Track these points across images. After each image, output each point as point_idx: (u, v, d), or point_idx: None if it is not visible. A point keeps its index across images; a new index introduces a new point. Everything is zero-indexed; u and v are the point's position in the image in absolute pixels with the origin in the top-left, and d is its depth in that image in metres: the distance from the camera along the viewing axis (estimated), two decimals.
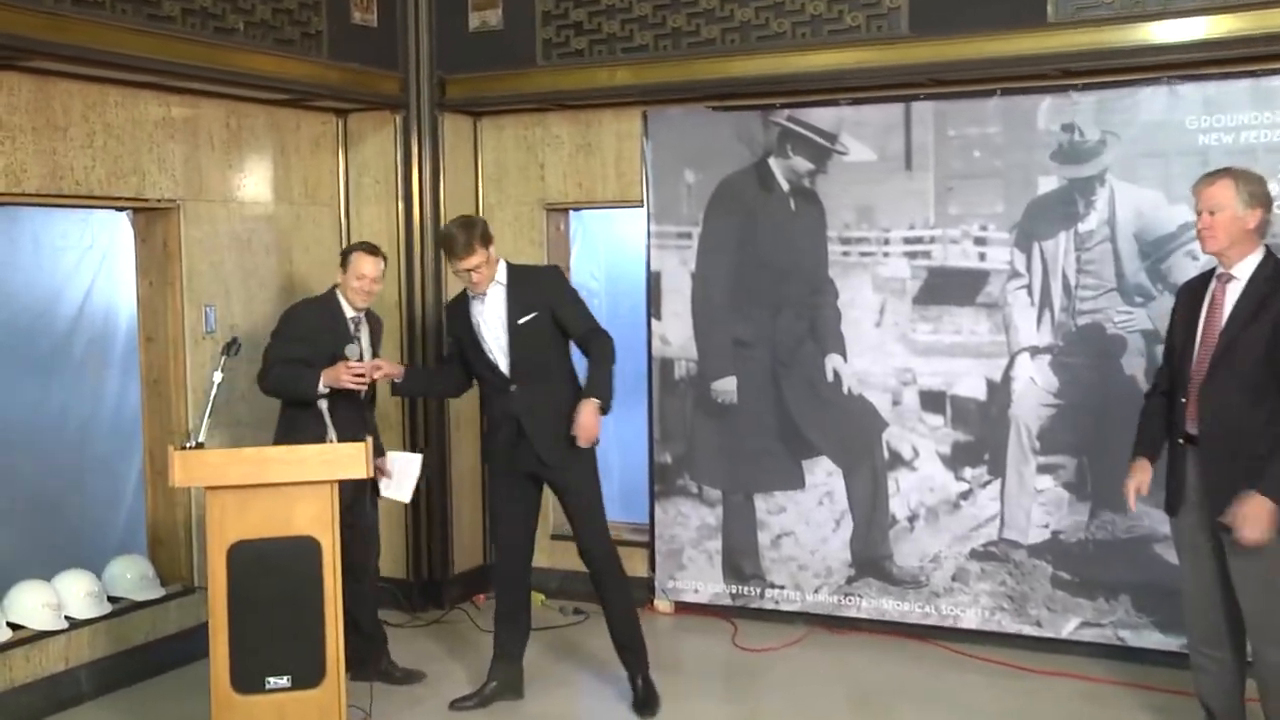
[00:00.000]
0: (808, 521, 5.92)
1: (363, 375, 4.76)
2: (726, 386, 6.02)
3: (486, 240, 4.72)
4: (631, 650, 4.93)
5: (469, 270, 4.70)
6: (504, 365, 4.75)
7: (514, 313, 4.73)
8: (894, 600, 5.78)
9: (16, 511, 5.61)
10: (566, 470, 4.76)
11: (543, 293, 4.75)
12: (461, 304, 4.86)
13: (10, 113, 4.96)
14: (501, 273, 4.78)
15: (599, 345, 4.69)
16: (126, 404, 5.90)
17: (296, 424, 4.88)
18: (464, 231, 4.69)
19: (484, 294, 4.76)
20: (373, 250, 5.01)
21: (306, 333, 4.90)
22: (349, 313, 4.96)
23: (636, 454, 6.38)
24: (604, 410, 4.62)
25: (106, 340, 5.90)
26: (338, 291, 4.99)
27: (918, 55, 5.36)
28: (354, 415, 4.90)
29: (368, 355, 5.01)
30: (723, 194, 5.96)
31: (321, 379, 4.79)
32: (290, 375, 4.84)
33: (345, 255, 5.02)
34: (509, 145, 6.50)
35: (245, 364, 5.70)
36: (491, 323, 4.78)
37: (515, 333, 4.72)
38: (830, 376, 5.80)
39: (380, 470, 5.08)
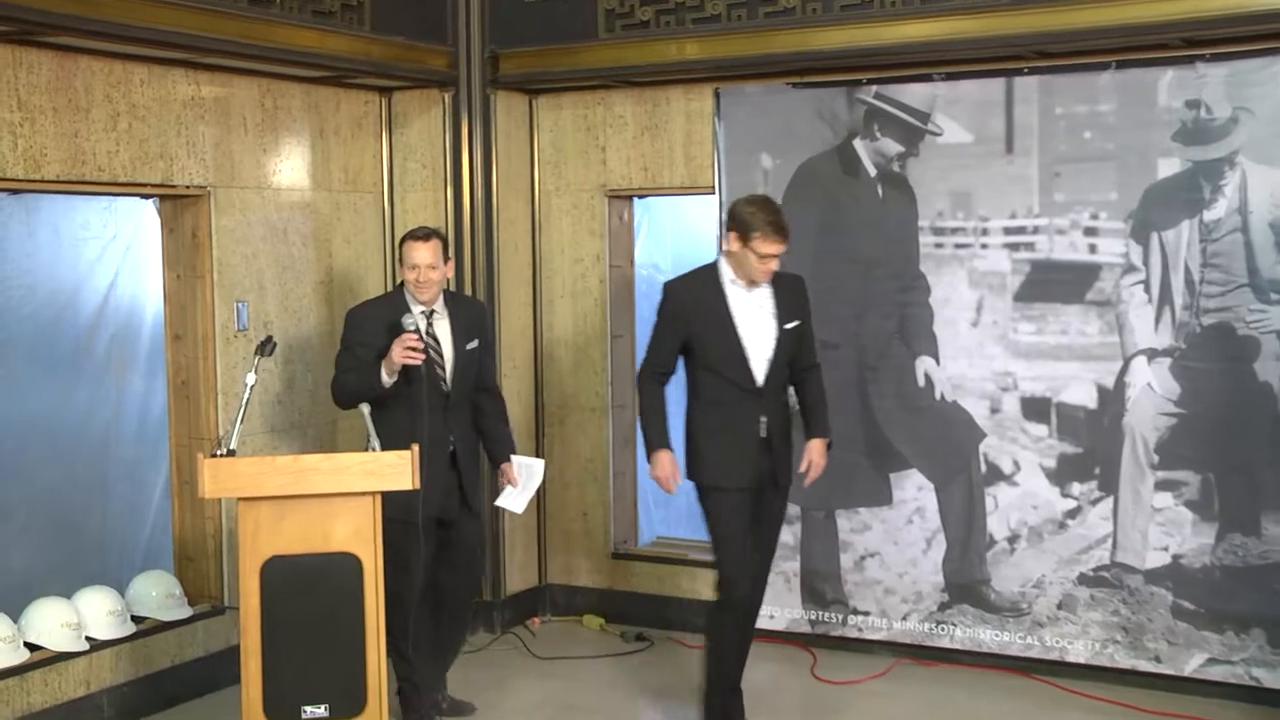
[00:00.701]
0: (896, 541, 5.88)
1: (416, 348, 4.76)
2: None
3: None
4: None
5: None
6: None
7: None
8: (992, 630, 5.68)
9: (34, 523, 5.66)
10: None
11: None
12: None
13: (30, 93, 5.00)
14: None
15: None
16: (152, 407, 5.93)
17: (383, 431, 4.79)
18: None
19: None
20: (422, 235, 4.99)
21: (369, 336, 4.92)
22: (416, 308, 4.96)
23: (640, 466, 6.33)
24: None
25: (131, 338, 5.93)
26: (405, 287, 5.00)
27: (1021, 24, 5.28)
28: (436, 417, 4.87)
29: (446, 344, 4.98)
30: (802, 179, 5.94)
31: (383, 367, 4.81)
32: (353, 378, 4.89)
33: (401, 244, 5.02)
34: (568, 126, 6.51)
35: (280, 365, 5.92)
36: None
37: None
38: (921, 381, 5.77)
39: (505, 477, 5.12)
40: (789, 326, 4.77)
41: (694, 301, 4.76)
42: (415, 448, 4.32)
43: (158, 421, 5.88)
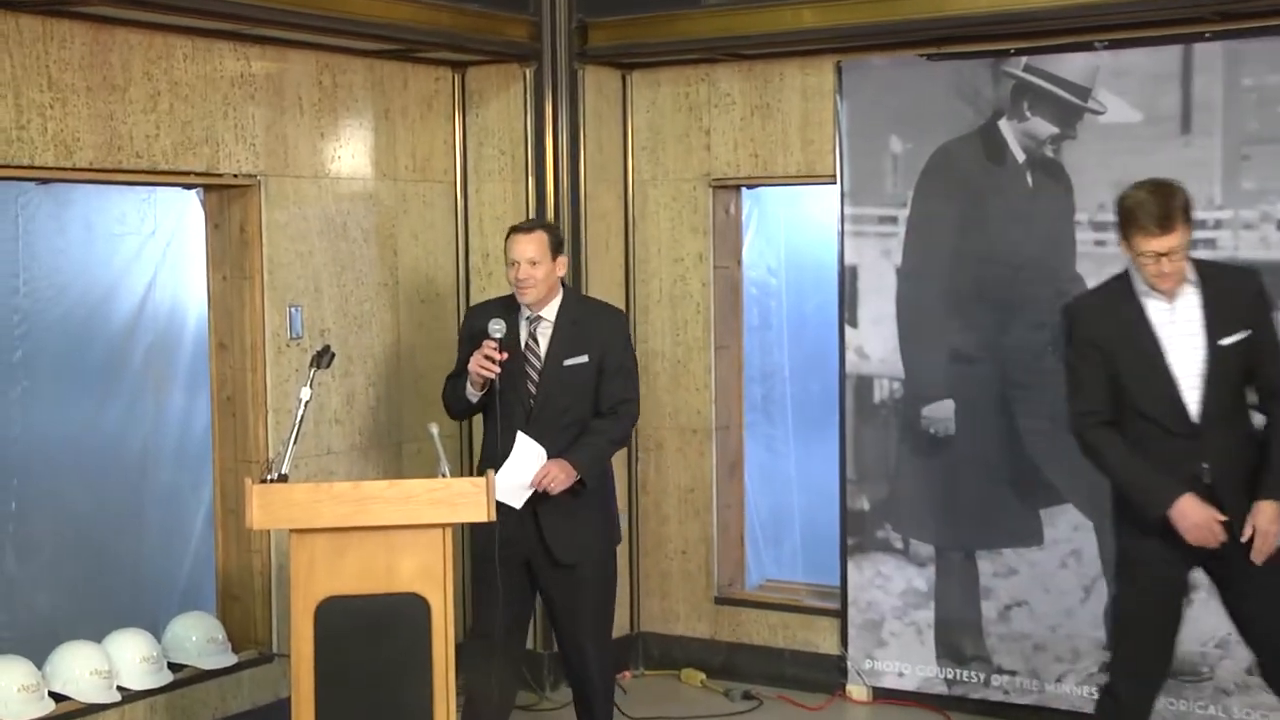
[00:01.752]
0: (1047, 588, 5.78)
1: (492, 358, 4.81)
2: (941, 413, 5.95)
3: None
4: None
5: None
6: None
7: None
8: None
9: (61, 556, 5.70)
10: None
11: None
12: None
13: (61, 70, 5.04)
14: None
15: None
16: (193, 426, 5.97)
17: (485, 447, 4.91)
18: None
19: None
20: (525, 227, 5.02)
21: (465, 342, 5.07)
22: (525, 312, 5.00)
23: (824, 498, 6.36)
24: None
25: (170, 347, 5.97)
26: None
27: None
28: (511, 441, 4.90)
29: (542, 355, 4.98)
30: (938, 166, 5.90)
31: (468, 378, 4.92)
32: (449, 386, 5.04)
33: (505, 241, 5.08)
34: (666, 106, 6.50)
35: (338, 378, 5.93)
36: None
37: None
38: None
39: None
40: (1228, 342, 4.29)
41: (1107, 322, 4.39)
42: (489, 474, 4.32)
43: (200, 442, 5.91)
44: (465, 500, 4.28)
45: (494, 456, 4.88)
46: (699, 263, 6.47)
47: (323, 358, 4.79)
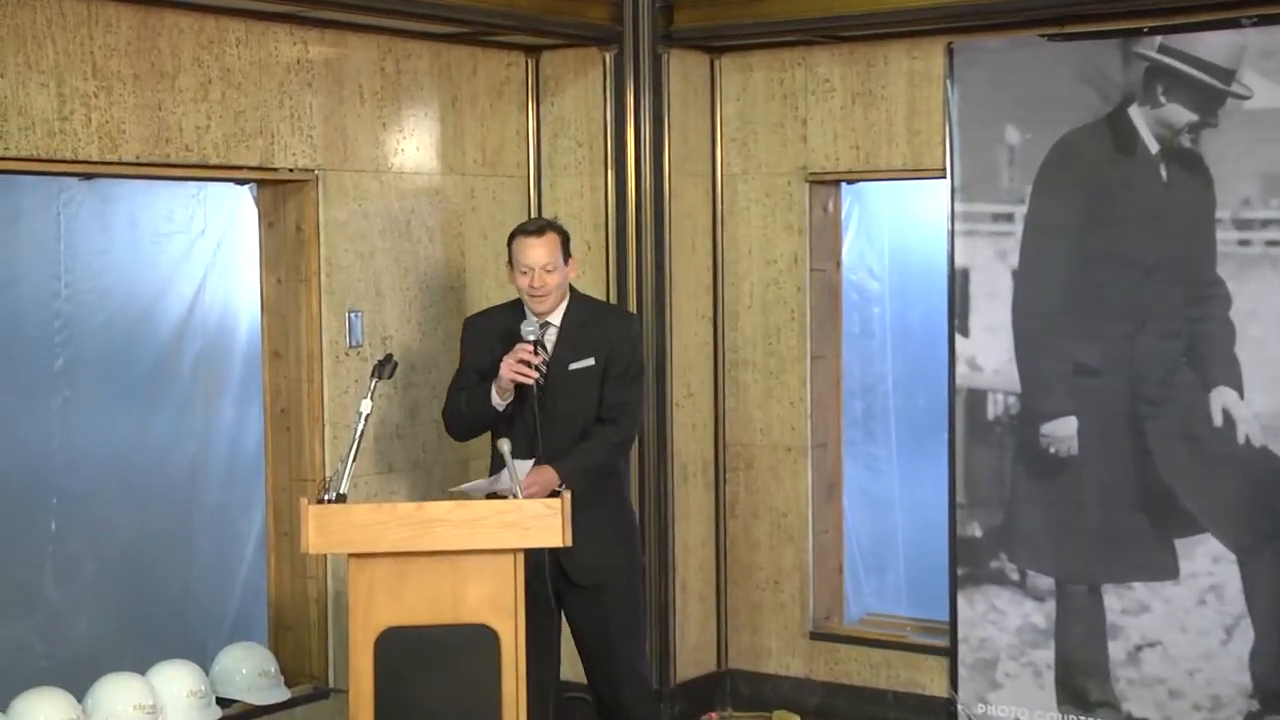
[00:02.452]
0: (1184, 627, 5.72)
1: (530, 362, 4.89)
2: (1063, 431, 5.89)
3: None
4: None
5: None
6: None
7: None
8: None
9: (104, 581, 5.73)
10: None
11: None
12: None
13: (106, 56, 5.08)
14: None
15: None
16: (245, 441, 6.01)
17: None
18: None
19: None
20: (535, 229, 5.05)
21: (480, 349, 5.07)
22: (532, 318, 5.05)
23: (931, 523, 6.34)
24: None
25: (221, 356, 6.01)
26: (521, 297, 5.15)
27: None
28: (523, 452, 4.92)
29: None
30: (1061, 159, 5.85)
31: (494, 386, 4.95)
32: (465, 399, 5.06)
33: (509, 243, 5.10)
34: (759, 93, 6.49)
35: (400, 389, 5.92)
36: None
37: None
38: (1219, 419, 5.64)
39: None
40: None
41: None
42: (565, 493, 4.34)
43: (252, 458, 5.94)
44: (538, 523, 4.27)
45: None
46: (794, 265, 6.45)
47: (384, 367, 4.80)
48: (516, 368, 4.88)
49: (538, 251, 4.98)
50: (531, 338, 4.92)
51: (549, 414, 4.95)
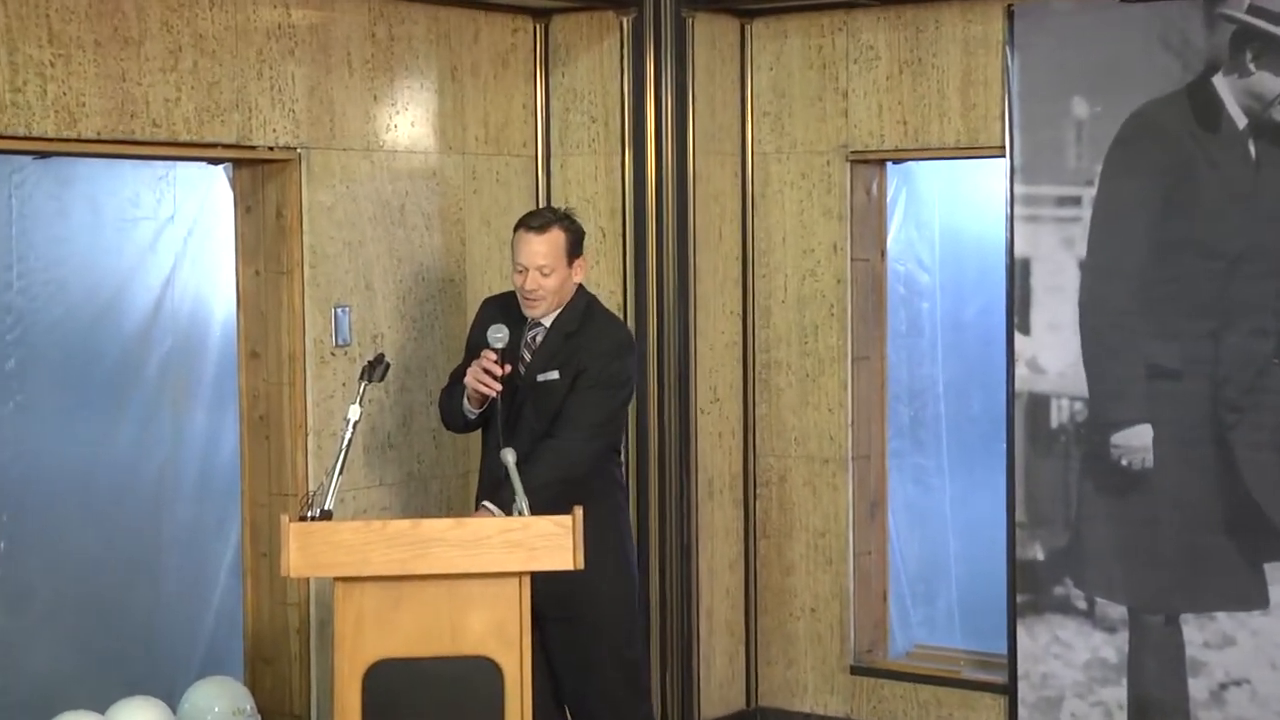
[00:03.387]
0: (1274, 663, 5.70)
1: (492, 373, 4.94)
2: (1137, 441, 5.87)
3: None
4: None
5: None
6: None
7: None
8: None
9: (62, 607, 5.73)
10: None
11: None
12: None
13: (64, 20, 5.07)
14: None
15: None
16: (219, 451, 6.02)
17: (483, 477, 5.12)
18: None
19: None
20: (537, 224, 5.09)
21: (478, 338, 5.14)
22: (526, 317, 5.14)
23: (988, 544, 6.36)
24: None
25: (192, 356, 6.02)
26: None
27: None
28: (492, 465, 5.00)
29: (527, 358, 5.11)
30: (1134, 135, 5.83)
31: (465, 391, 5.08)
32: (445, 396, 5.23)
33: (513, 234, 5.19)
34: (794, 62, 6.49)
35: (394, 394, 5.95)
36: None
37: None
38: None
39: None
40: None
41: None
42: (577, 510, 4.33)
43: (226, 471, 5.95)
44: (547, 543, 4.28)
45: (488, 484, 5.06)
46: (833, 254, 6.43)
47: (375, 369, 4.83)
48: (481, 377, 4.96)
49: (535, 249, 5.03)
50: (498, 345, 4.96)
51: (513, 426, 5.03)
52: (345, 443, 4.61)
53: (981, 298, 6.47)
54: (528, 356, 5.11)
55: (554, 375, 5.08)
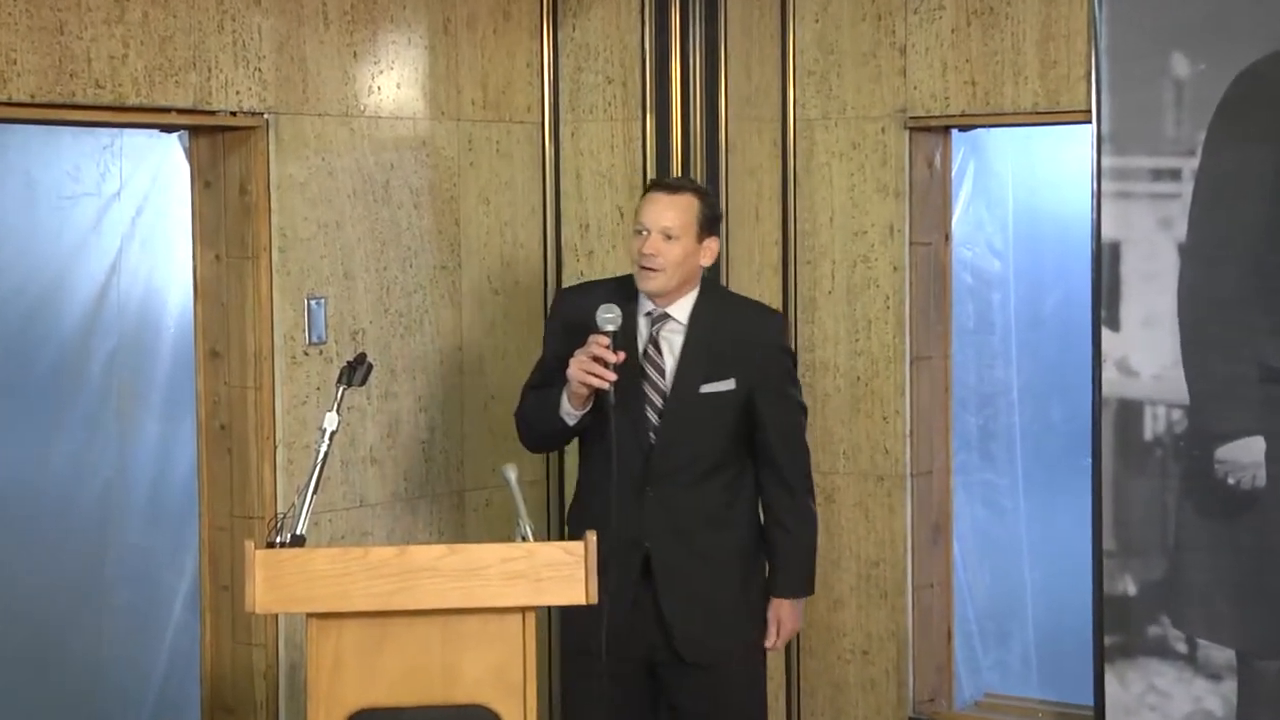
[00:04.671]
0: None
1: (604, 361, 4.90)
2: (1246, 456, 5.76)
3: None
4: None
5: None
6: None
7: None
8: None
9: None
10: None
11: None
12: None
13: None
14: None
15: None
16: (174, 466, 6.05)
17: (578, 498, 5.24)
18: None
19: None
20: (670, 185, 5.13)
21: (564, 335, 5.14)
22: (647, 305, 5.13)
23: (1070, 576, 6.36)
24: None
25: (142, 355, 6.04)
26: None
27: None
28: (627, 490, 5.01)
29: (669, 369, 5.14)
30: (1245, 97, 5.69)
31: (564, 392, 5.03)
32: (533, 403, 5.22)
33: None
34: (844, 14, 6.51)
35: (377, 400, 5.98)
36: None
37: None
38: None
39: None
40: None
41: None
42: (589, 536, 4.32)
43: (182, 489, 5.97)
44: (556, 574, 4.30)
45: (596, 510, 4.99)
46: (889, 238, 6.43)
47: (355, 371, 4.83)
48: (589, 366, 4.89)
49: (661, 210, 5.02)
50: (610, 327, 4.91)
51: (665, 450, 5.06)
52: (320, 457, 4.62)
53: (1062, 288, 6.51)
54: (668, 357, 5.10)
55: (729, 384, 5.09)
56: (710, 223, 5.09)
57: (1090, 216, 5.95)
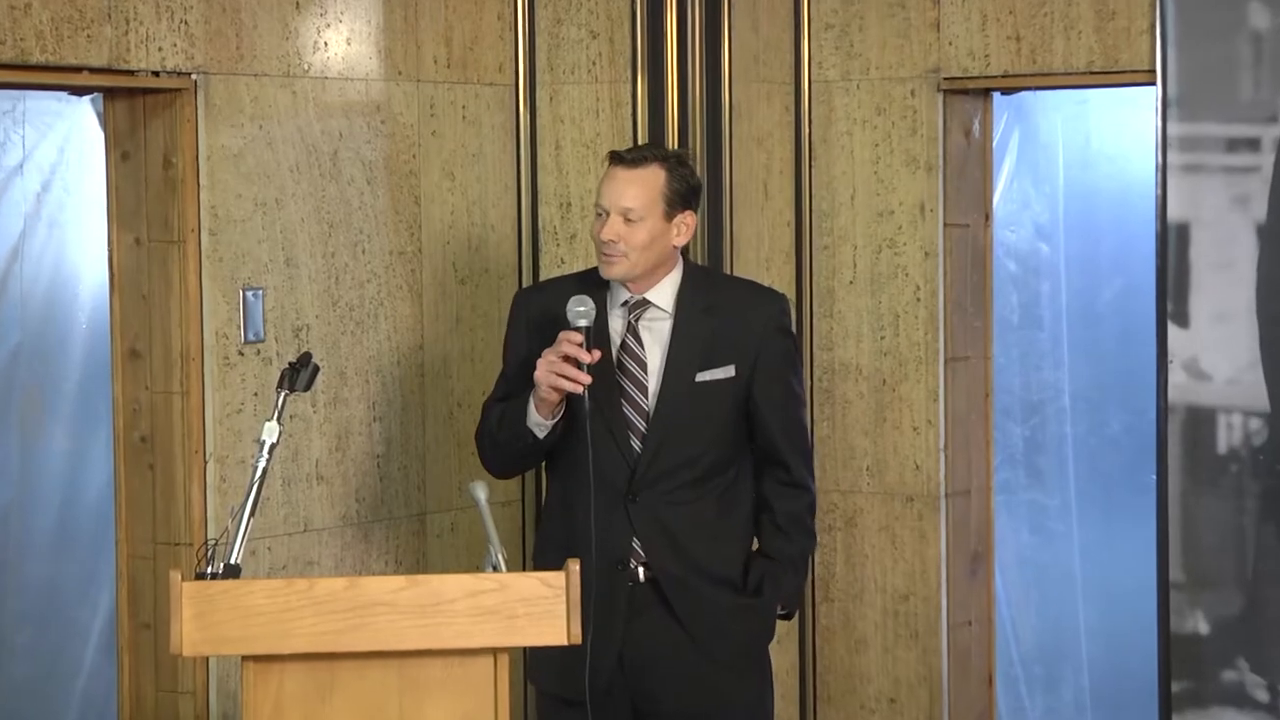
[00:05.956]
0: None
1: (577, 365, 4.90)
2: None
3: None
4: None
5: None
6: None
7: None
8: None
9: None
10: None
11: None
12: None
13: None
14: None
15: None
16: (85, 484, 6.08)
17: (545, 524, 5.24)
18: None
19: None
20: (629, 158, 5.07)
21: (525, 339, 5.17)
22: (622, 294, 5.11)
23: (1132, 612, 6.44)
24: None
25: (48, 355, 6.09)
26: None
27: None
28: (613, 506, 5.01)
29: (653, 365, 5.13)
30: None
31: (531, 399, 5.00)
32: (496, 417, 5.16)
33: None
34: None
35: (324, 408, 5.98)
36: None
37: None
38: None
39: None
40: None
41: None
42: (571, 565, 4.28)
43: (95, 511, 6.00)
44: (533, 609, 4.25)
45: (570, 529, 5.02)
46: (920, 219, 6.44)
47: (299, 374, 4.83)
48: (559, 368, 4.87)
49: (621, 188, 4.99)
50: (583, 322, 4.91)
51: (655, 456, 5.03)
52: (258, 474, 4.62)
53: (1122, 277, 6.59)
54: (650, 349, 5.07)
55: (728, 371, 5.05)
56: (682, 197, 5.03)
57: (1154, 194, 5.98)
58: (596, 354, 4.90)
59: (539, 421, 4.95)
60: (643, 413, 5.03)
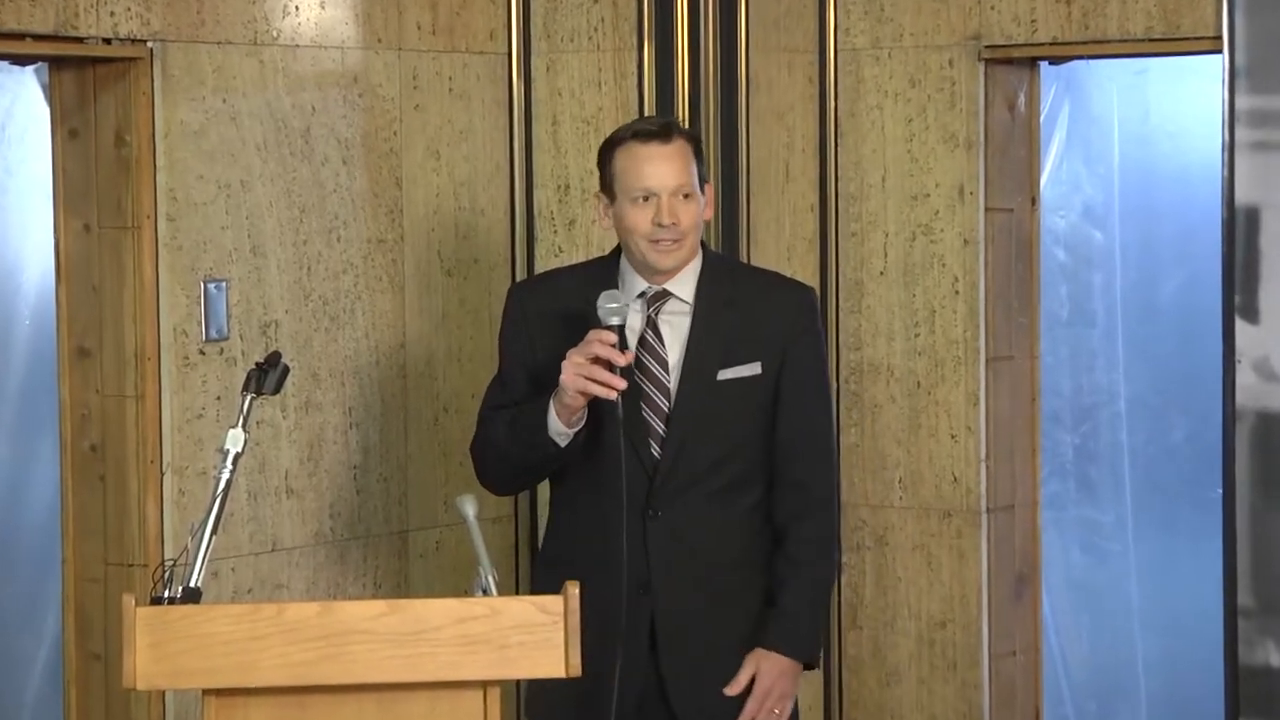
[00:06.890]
0: None
1: (610, 369, 4.86)
2: None
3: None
4: None
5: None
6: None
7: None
8: None
9: None
10: None
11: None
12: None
13: None
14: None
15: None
16: (28, 498, 6.19)
17: (553, 543, 5.25)
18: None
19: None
20: (659, 131, 5.05)
21: (531, 342, 5.18)
22: (638, 285, 5.10)
23: (1196, 641, 6.48)
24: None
25: None
26: (626, 250, 5.18)
27: None
28: (632, 521, 5.00)
29: (673, 361, 5.15)
30: None
31: (552, 404, 4.95)
32: (503, 425, 5.12)
33: (604, 155, 5.14)
34: None
35: (295, 413, 6.03)
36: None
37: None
38: None
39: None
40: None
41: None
42: (570, 588, 4.27)
43: (39, 529, 6.09)
44: (528, 638, 4.25)
45: (585, 548, 5.02)
46: (959, 202, 6.46)
47: (267, 376, 4.82)
48: (590, 371, 4.84)
49: (668, 166, 4.97)
50: (615, 320, 4.88)
51: (675, 462, 5.04)
52: (221, 487, 4.60)
53: (1184, 268, 6.64)
54: (670, 344, 5.07)
55: (754, 368, 5.06)
56: (703, 164, 5.07)
57: (1221, 174, 5.93)
58: (630, 355, 4.90)
59: (561, 430, 4.91)
60: (664, 416, 5.04)
